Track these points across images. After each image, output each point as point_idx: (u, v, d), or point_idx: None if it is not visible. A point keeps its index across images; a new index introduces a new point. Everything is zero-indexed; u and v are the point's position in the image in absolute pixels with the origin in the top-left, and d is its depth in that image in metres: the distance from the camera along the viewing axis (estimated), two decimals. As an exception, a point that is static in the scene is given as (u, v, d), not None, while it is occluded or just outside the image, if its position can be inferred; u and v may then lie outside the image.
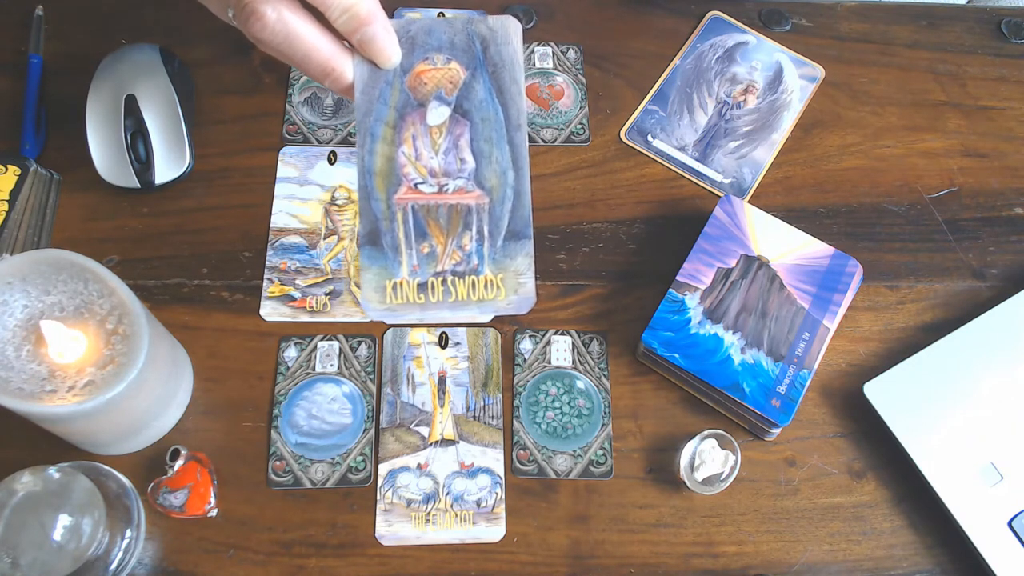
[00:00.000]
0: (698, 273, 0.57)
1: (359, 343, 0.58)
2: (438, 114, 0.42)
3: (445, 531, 0.53)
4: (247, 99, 0.65)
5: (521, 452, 0.55)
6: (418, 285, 0.41)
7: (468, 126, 0.42)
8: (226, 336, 0.58)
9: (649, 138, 0.65)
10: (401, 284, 0.41)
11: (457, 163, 0.42)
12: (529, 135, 0.63)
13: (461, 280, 0.41)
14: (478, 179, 0.42)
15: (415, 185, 0.42)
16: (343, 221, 0.61)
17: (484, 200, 0.42)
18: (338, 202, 0.62)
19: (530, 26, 0.68)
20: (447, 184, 0.42)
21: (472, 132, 0.42)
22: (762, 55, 0.68)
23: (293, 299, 0.59)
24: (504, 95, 0.43)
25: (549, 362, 0.58)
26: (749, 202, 0.62)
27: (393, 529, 0.53)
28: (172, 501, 0.51)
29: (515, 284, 0.41)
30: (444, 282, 0.41)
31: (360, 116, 0.42)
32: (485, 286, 0.41)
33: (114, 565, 0.49)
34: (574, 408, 0.57)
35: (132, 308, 0.48)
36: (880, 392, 0.55)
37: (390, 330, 0.58)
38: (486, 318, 0.39)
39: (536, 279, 0.60)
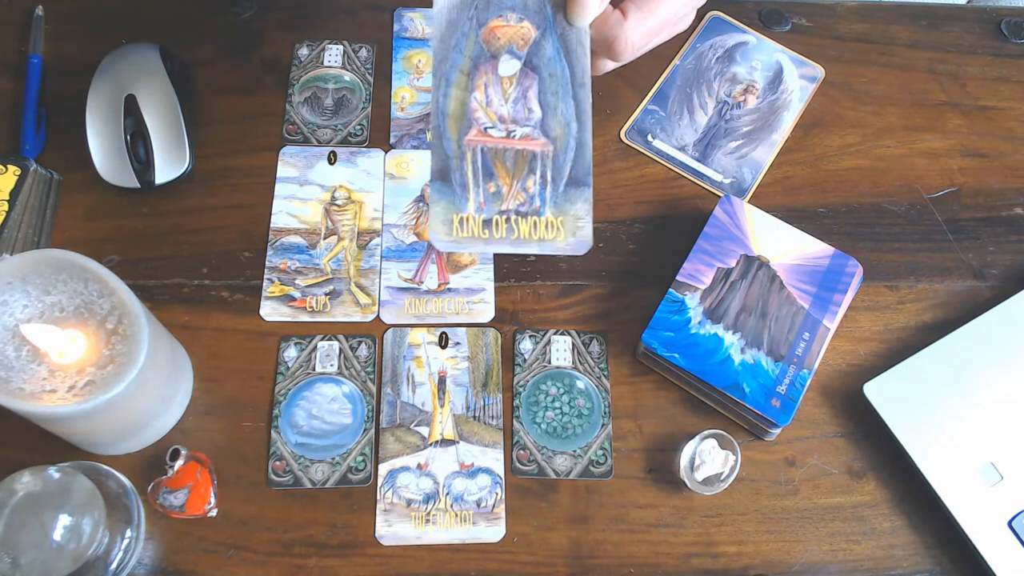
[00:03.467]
0: (698, 273, 0.57)
1: (359, 343, 0.58)
2: (509, 66, 0.45)
3: (445, 531, 0.53)
4: (247, 99, 0.65)
5: (521, 452, 0.55)
6: (483, 221, 0.44)
7: (536, 79, 0.45)
8: (226, 336, 0.58)
9: (649, 138, 0.65)
10: (467, 219, 0.44)
11: (525, 112, 0.45)
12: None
13: (524, 220, 0.44)
14: (544, 128, 0.45)
15: (485, 129, 0.45)
16: (343, 221, 0.61)
17: (548, 148, 0.45)
18: (338, 202, 0.62)
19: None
20: (514, 130, 0.45)
21: (540, 85, 0.45)
22: (762, 55, 0.68)
23: (293, 299, 0.59)
24: (571, 55, 0.45)
25: (549, 362, 0.58)
26: (749, 202, 0.62)
27: (393, 529, 0.53)
28: (172, 501, 0.51)
29: (574, 227, 0.44)
30: (508, 220, 0.44)
31: (437, 62, 0.45)
32: (546, 227, 0.44)
33: (114, 565, 0.49)
34: (574, 408, 0.57)
35: (132, 308, 0.48)
36: (880, 392, 0.55)
37: (390, 330, 0.58)
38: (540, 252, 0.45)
39: (536, 279, 0.60)
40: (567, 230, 0.44)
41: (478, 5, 0.45)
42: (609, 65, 0.49)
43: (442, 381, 0.57)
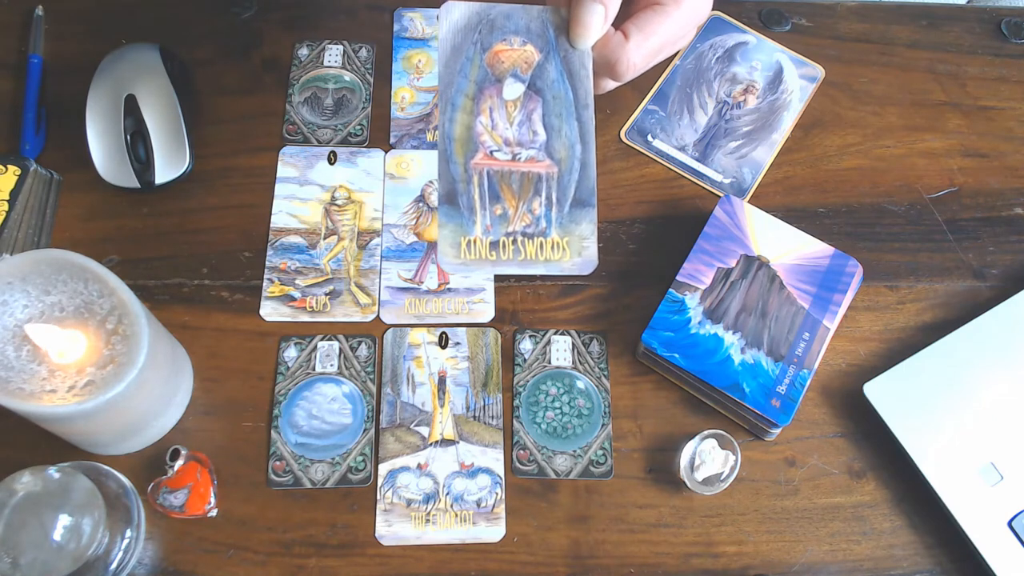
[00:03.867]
0: (698, 273, 0.57)
1: (359, 343, 0.58)
2: (513, 90, 0.46)
3: (445, 531, 0.53)
4: (247, 99, 0.65)
5: (521, 452, 0.55)
6: (490, 243, 0.44)
7: (540, 102, 0.46)
8: (226, 336, 0.58)
9: (649, 138, 0.65)
10: (475, 241, 0.44)
11: (530, 135, 0.46)
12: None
13: (530, 241, 0.45)
14: (548, 150, 0.46)
15: (491, 152, 0.45)
16: (343, 221, 0.61)
17: (553, 170, 0.45)
18: (338, 202, 0.62)
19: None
20: (520, 153, 0.45)
21: (544, 108, 0.46)
22: (762, 55, 0.68)
23: (293, 299, 0.59)
24: (574, 78, 0.46)
25: (549, 362, 0.58)
26: (749, 202, 0.62)
27: (393, 529, 0.53)
28: (172, 501, 0.51)
29: (579, 247, 0.45)
30: (514, 242, 0.45)
31: (442, 87, 0.46)
32: (552, 247, 0.45)
33: (114, 565, 0.49)
34: (574, 408, 0.57)
35: (132, 308, 0.48)
36: (880, 392, 0.55)
37: (390, 330, 0.58)
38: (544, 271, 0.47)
39: (536, 279, 0.60)
40: (573, 250, 0.45)
41: (482, 30, 0.46)
42: (610, 84, 0.50)
43: (442, 381, 0.57)
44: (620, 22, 0.47)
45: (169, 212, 0.61)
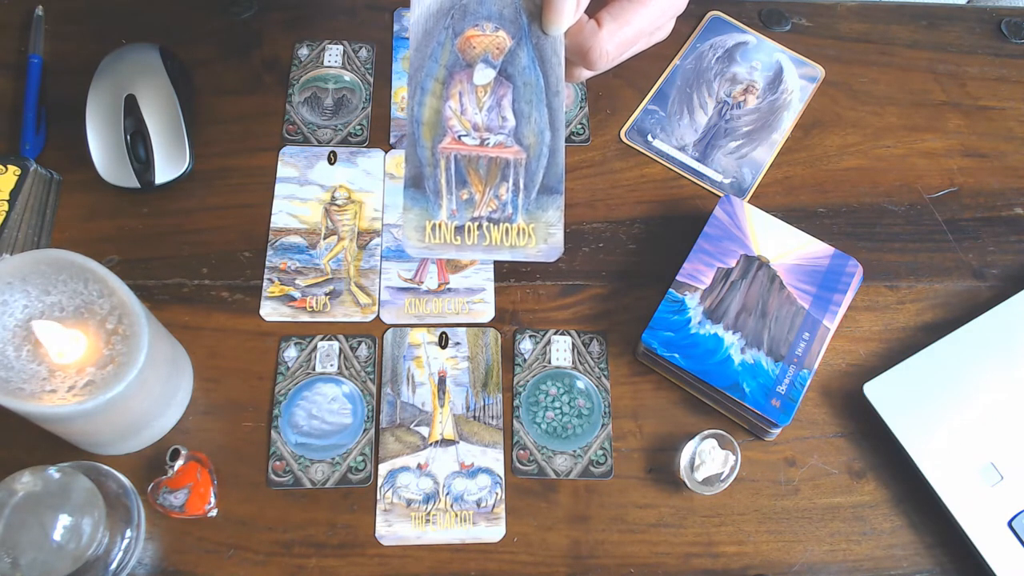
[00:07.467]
0: (698, 273, 0.57)
1: (359, 343, 0.58)
2: (484, 75, 0.46)
3: (445, 531, 0.53)
4: (247, 99, 0.65)
5: (521, 452, 0.55)
6: (455, 228, 0.45)
7: (511, 88, 0.46)
8: (226, 336, 0.58)
9: (649, 138, 0.65)
10: (439, 226, 0.45)
11: (499, 120, 0.46)
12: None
13: (496, 226, 0.45)
14: (517, 136, 0.46)
15: (459, 137, 0.45)
16: (343, 221, 0.61)
17: (521, 156, 0.46)
18: (338, 202, 0.62)
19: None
20: (488, 138, 0.46)
21: (514, 94, 0.46)
22: (762, 55, 0.68)
23: (293, 299, 0.59)
24: (545, 64, 0.46)
25: (549, 362, 0.58)
26: (749, 202, 0.62)
27: (393, 529, 0.53)
28: (172, 501, 0.51)
29: (545, 234, 0.45)
30: (480, 227, 0.45)
31: (412, 71, 0.45)
32: (518, 234, 0.45)
33: (114, 565, 0.49)
34: (574, 408, 0.57)
35: (132, 308, 0.48)
36: (880, 392, 0.55)
37: (390, 330, 0.58)
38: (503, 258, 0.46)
39: (536, 279, 0.60)
40: (539, 237, 0.45)
41: (454, 15, 0.46)
42: (585, 74, 0.49)
43: (442, 381, 0.57)
44: (595, 10, 0.47)
45: (169, 212, 0.61)
